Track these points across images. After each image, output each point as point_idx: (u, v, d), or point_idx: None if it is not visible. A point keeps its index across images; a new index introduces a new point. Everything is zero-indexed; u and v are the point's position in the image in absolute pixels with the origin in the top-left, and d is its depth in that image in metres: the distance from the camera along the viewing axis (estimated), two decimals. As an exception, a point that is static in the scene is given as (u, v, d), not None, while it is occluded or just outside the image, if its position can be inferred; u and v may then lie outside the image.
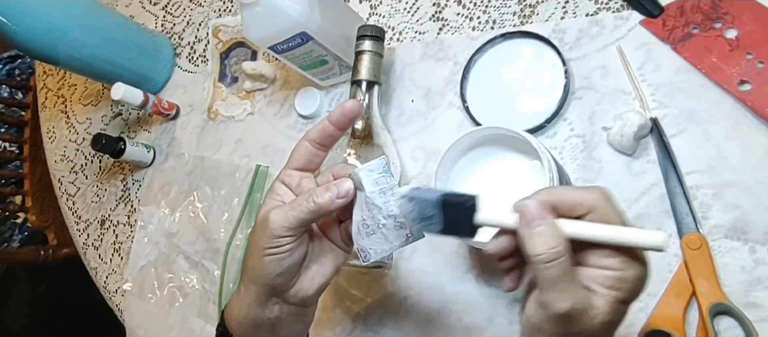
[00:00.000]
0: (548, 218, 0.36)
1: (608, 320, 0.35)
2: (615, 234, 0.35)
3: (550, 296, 0.34)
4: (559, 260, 0.34)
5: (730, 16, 0.54)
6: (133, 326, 0.86)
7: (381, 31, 0.64)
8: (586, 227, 0.35)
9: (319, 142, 0.45)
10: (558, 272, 0.34)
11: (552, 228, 0.35)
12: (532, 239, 0.35)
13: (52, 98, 1.11)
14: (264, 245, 0.42)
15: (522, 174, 0.53)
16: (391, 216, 0.42)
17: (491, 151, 0.55)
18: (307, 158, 0.46)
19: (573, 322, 0.35)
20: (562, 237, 0.35)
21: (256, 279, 0.44)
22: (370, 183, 0.41)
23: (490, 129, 0.52)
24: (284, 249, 0.42)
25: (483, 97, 0.64)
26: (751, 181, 0.50)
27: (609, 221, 0.35)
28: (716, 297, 0.49)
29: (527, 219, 0.36)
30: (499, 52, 0.64)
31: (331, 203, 0.41)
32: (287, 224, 0.41)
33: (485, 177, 0.55)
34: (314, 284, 0.45)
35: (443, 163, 0.54)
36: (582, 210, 0.36)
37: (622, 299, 0.35)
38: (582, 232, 0.35)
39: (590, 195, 0.36)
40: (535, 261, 0.35)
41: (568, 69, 0.59)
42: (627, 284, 0.35)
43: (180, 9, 0.97)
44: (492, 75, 0.64)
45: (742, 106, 0.52)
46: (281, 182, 0.46)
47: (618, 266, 0.35)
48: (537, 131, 0.60)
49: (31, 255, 1.36)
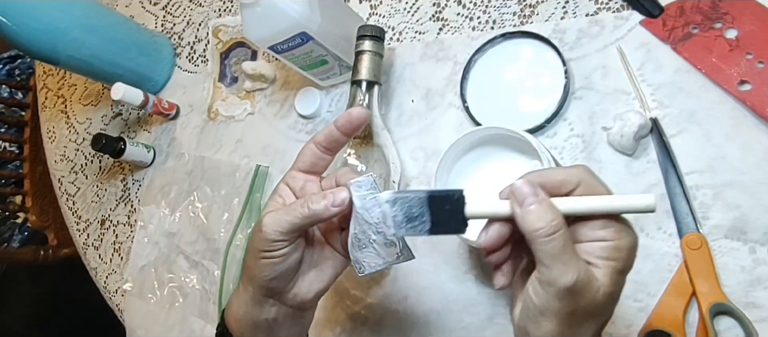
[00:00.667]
0: (540, 194, 0.36)
1: (609, 292, 0.35)
2: (607, 203, 0.36)
3: (554, 270, 0.34)
4: (560, 232, 0.34)
5: (730, 16, 0.54)
6: (133, 326, 0.86)
7: (381, 31, 0.64)
8: (577, 201, 0.36)
9: (325, 145, 0.45)
10: (559, 243, 0.34)
11: (546, 202, 0.36)
12: (529, 215, 0.35)
13: (52, 98, 1.11)
14: (259, 247, 0.42)
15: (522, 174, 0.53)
16: (380, 232, 0.42)
17: (491, 151, 0.55)
18: (312, 161, 0.45)
19: (579, 296, 0.35)
20: (557, 210, 0.35)
21: (252, 280, 0.44)
22: (358, 198, 0.41)
23: (490, 129, 0.52)
24: (278, 254, 0.42)
25: (483, 97, 0.64)
26: (751, 181, 0.50)
27: (596, 193, 0.36)
28: (716, 297, 0.49)
29: (520, 199, 0.36)
30: (499, 53, 0.64)
31: (326, 210, 0.41)
32: (280, 228, 0.41)
33: (485, 177, 0.55)
34: (312, 289, 0.45)
35: (443, 163, 0.54)
36: (569, 186, 0.37)
37: (619, 269, 0.36)
38: (575, 206, 0.36)
39: (574, 171, 0.37)
40: (535, 236, 0.35)
41: (568, 69, 0.59)
42: (622, 252, 0.36)
43: (180, 9, 0.97)
44: (492, 75, 0.64)
45: (742, 106, 0.52)
46: (285, 183, 0.46)
47: (612, 236, 0.35)
48: (537, 131, 0.60)
49: (31, 255, 1.36)
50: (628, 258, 0.36)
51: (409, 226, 0.39)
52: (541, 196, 0.36)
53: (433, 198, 0.39)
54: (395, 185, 0.62)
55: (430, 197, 0.39)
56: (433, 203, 0.39)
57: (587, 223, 0.36)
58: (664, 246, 0.53)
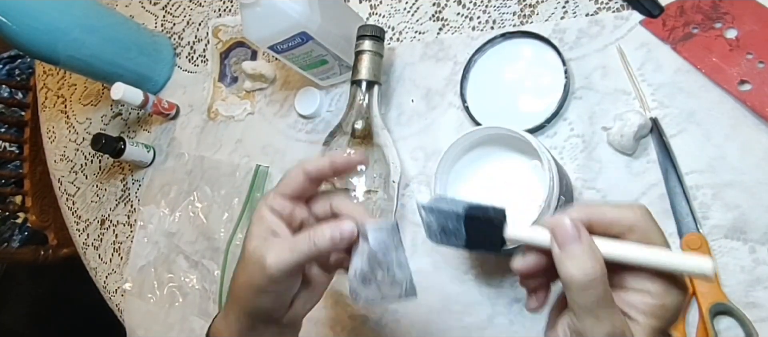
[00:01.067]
0: (584, 237, 0.32)
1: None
2: (659, 258, 0.32)
3: (585, 323, 0.32)
4: (596, 285, 0.31)
5: (730, 16, 0.54)
6: (133, 325, 0.86)
7: (381, 31, 0.64)
8: (625, 248, 0.32)
9: (314, 177, 0.43)
10: (595, 297, 0.31)
11: (588, 249, 0.32)
12: (567, 261, 0.32)
13: (52, 98, 1.11)
14: (258, 282, 0.40)
15: (522, 174, 0.54)
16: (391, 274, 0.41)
17: (491, 151, 0.55)
18: (300, 189, 0.43)
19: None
20: (599, 259, 0.32)
21: (247, 311, 0.43)
22: (377, 242, 0.40)
23: (490, 129, 0.52)
24: (281, 288, 0.41)
25: (483, 97, 0.64)
26: (750, 181, 0.50)
27: (650, 242, 0.32)
28: (716, 297, 0.49)
29: (561, 239, 0.32)
30: (499, 52, 0.64)
31: (333, 245, 0.40)
32: (285, 267, 0.40)
33: (485, 177, 0.55)
34: (306, 307, 0.45)
35: (443, 163, 0.54)
36: (620, 229, 0.33)
37: (659, 329, 0.32)
38: (621, 253, 0.32)
39: (629, 213, 0.33)
40: (569, 284, 0.32)
41: (568, 69, 0.59)
42: (667, 312, 0.32)
43: (180, 9, 0.97)
44: (492, 75, 0.64)
45: (742, 106, 0.52)
46: (270, 209, 0.43)
47: (659, 292, 0.32)
48: (537, 131, 0.60)
49: (31, 255, 1.36)
50: (672, 318, 0.33)
51: (442, 237, 0.38)
52: (585, 239, 0.32)
53: (471, 215, 0.37)
54: (395, 185, 0.62)
55: (468, 213, 0.37)
56: (471, 219, 0.37)
57: (635, 271, 0.33)
58: (664, 246, 0.52)
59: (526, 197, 0.52)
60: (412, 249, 0.64)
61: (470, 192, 0.55)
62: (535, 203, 0.48)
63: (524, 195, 0.52)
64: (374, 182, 0.61)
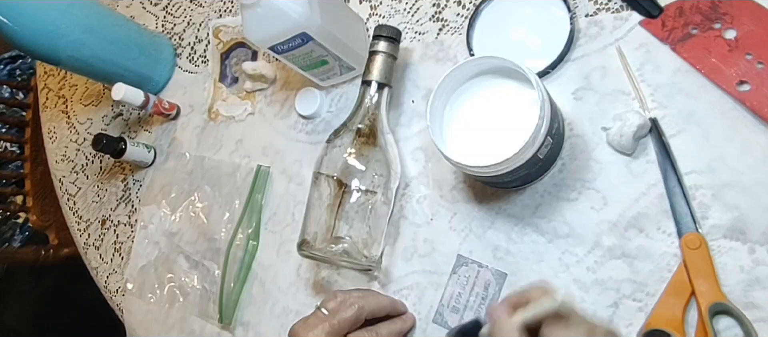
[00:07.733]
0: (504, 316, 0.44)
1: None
2: (526, 313, 0.44)
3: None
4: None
5: (729, 17, 0.54)
6: (133, 325, 0.86)
7: (398, 32, 0.63)
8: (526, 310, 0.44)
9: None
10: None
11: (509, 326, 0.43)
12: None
13: (53, 98, 1.11)
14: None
15: (517, 107, 0.55)
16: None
17: (487, 82, 0.57)
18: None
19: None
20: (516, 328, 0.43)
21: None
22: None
23: (487, 59, 0.54)
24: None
25: (489, 46, 0.65)
26: (750, 181, 0.50)
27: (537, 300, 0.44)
28: (715, 297, 0.49)
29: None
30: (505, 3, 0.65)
31: None
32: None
33: (480, 106, 0.57)
34: None
35: (439, 90, 0.55)
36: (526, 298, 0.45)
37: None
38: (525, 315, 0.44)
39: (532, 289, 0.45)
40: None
41: (574, 15, 0.60)
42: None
43: (180, 9, 0.97)
44: (501, 21, 0.65)
45: (741, 106, 0.52)
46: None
47: (563, 333, 0.42)
48: (542, 77, 0.60)
49: (32, 255, 1.36)
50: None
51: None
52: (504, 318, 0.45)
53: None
54: (393, 189, 0.63)
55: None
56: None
57: (548, 325, 0.43)
58: (663, 246, 0.53)
59: (517, 129, 0.52)
60: (411, 249, 0.65)
61: (463, 123, 0.57)
62: (527, 133, 0.50)
63: (516, 127, 0.53)
64: (374, 182, 0.61)
